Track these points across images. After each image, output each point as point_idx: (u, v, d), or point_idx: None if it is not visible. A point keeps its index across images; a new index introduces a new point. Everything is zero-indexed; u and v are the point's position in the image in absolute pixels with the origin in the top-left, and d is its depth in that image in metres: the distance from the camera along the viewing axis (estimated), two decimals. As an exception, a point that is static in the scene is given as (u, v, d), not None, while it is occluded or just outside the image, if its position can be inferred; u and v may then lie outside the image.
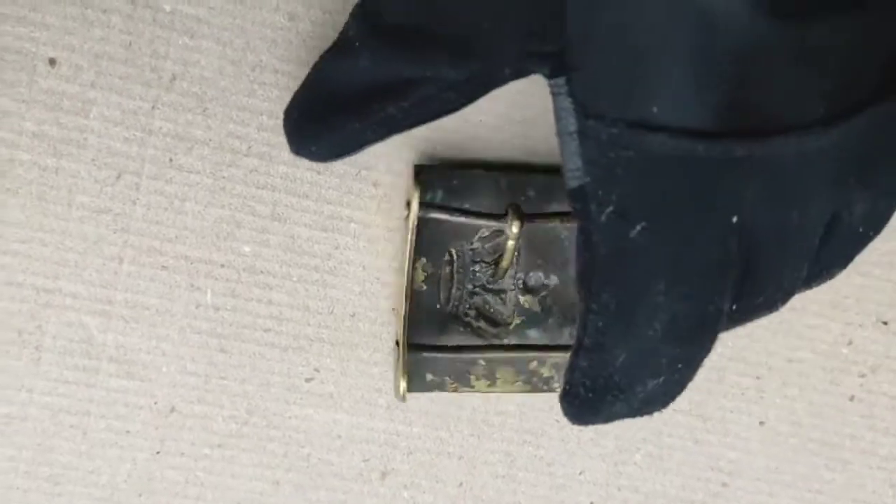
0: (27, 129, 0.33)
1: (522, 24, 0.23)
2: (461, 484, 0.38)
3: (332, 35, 0.34)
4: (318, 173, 0.35)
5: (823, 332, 0.40)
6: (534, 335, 0.36)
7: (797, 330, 0.40)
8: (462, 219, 0.34)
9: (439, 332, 0.35)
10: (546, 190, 0.35)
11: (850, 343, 0.40)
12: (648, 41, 0.21)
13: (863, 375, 0.40)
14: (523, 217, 0.33)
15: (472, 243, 0.35)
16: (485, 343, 0.36)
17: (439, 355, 0.35)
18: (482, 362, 0.35)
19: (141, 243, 0.34)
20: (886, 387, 0.41)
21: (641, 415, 0.27)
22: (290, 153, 0.34)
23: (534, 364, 0.36)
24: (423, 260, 0.35)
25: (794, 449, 0.40)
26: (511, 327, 0.36)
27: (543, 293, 0.36)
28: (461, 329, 0.36)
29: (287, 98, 0.34)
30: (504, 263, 0.35)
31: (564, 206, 0.35)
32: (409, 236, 0.34)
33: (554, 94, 0.24)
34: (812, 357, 0.40)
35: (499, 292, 0.36)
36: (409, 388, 0.35)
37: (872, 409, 0.41)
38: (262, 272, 0.35)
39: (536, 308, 0.36)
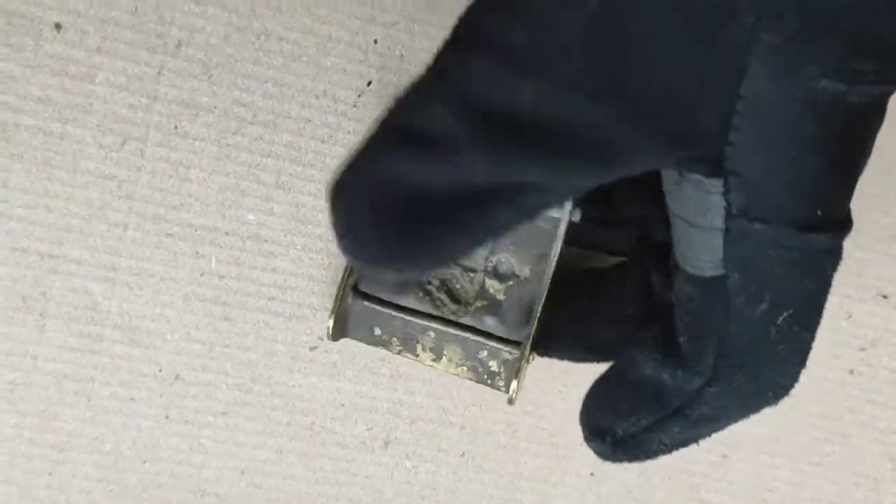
0: (32, 94, 0.33)
1: (683, 124, 0.22)
2: (463, 453, 0.38)
3: (335, 2, 0.34)
4: (323, 142, 0.35)
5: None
6: (490, 323, 0.34)
7: (798, 303, 0.40)
8: None
9: (396, 291, 0.34)
10: None
11: (849, 317, 0.40)
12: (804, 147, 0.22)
13: (862, 349, 0.41)
14: None
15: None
16: (439, 315, 0.34)
17: (390, 312, 0.34)
18: (432, 334, 0.34)
19: (146, 210, 0.34)
20: (886, 360, 0.41)
21: None
22: (294, 121, 0.34)
23: (483, 353, 0.34)
24: None
25: (793, 422, 0.41)
26: (471, 308, 0.34)
27: (511, 282, 0.34)
28: (420, 294, 0.34)
29: (292, 66, 0.34)
30: None
31: None
32: None
33: (698, 189, 0.24)
34: (812, 330, 0.40)
35: (468, 269, 0.34)
36: (355, 337, 0.34)
37: (872, 382, 0.41)
38: (266, 240, 0.35)
39: (501, 296, 0.34)
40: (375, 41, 0.35)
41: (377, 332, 0.34)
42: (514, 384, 0.32)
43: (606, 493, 0.39)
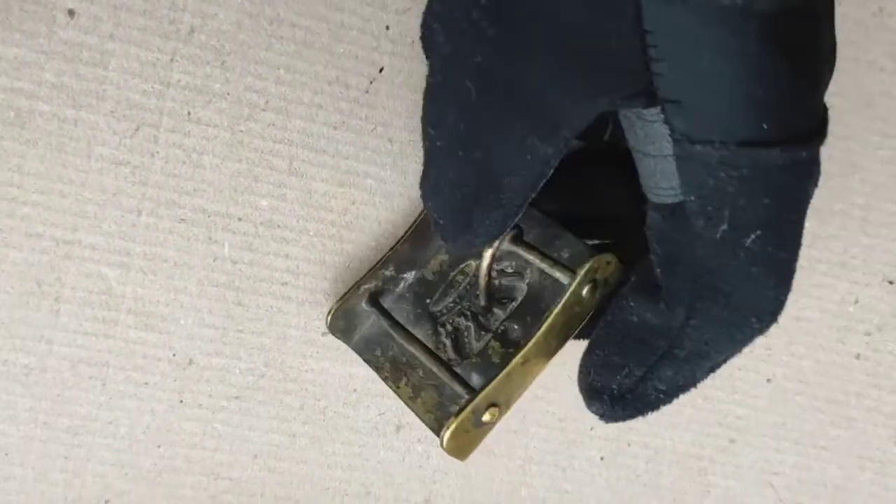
0: (46, 81, 0.33)
1: (604, 69, 0.23)
2: (474, 438, 0.38)
3: (350, -12, 0.34)
4: (335, 128, 0.35)
5: (830, 292, 0.40)
6: (476, 380, 0.33)
7: (804, 289, 0.40)
8: (510, 247, 0.33)
9: (411, 319, 0.35)
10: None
11: (856, 302, 0.41)
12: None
13: (869, 334, 0.41)
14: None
15: (495, 270, 0.34)
16: (436, 355, 0.33)
17: (395, 334, 0.34)
18: (420, 372, 0.34)
19: (159, 196, 0.34)
20: (892, 345, 0.41)
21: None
22: (307, 107, 0.35)
23: (454, 408, 0.32)
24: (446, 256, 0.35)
25: (800, 406, 0.41)
26: (466, 361, 0.34)
27: (511, 350, 0.33)
28: (429, 330, 0.35)
29: (304, 53, 0.34)
30: (481, 283, 0.33)
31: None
32: None
33: (641, 120, 0.24)
34: (819, 316, 0.40)
35: (482, 328, 0.34)
36: (354, 347, 0.35)
37: (878, 367, 0.41)
38: (279, 226, 0.35)
39: (496, 359, 0.34)
40: (387, 28, 0.35)
41: (377, 352, 0.35)
42: (445, 432, 0.30)
43: (615, 478, 0.40)
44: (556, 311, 0.30)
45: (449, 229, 0.28)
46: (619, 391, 0.29)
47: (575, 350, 0.36)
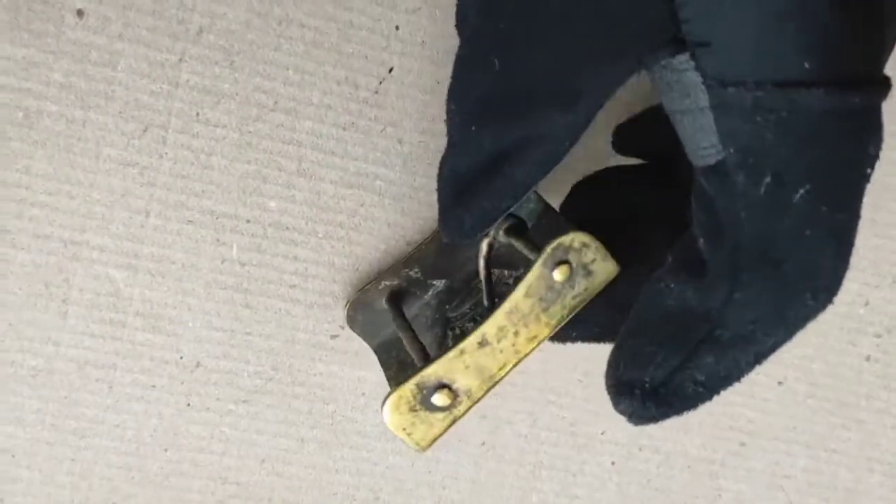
0: (55, 81, 0.32)
1: (624, 35, 0.22)
2: (483, 443, 0.38)
3: (360, -12, 0.34)
4: (344, 129, 0.35)
5: (841, 293, 0.40)
6: None
7: (815, 291, 0.40)
8: (508, 239, 0.31)
9: (427, 324, 0.34)
10: None
11: (866, 304, 0.40)
12: None
13: (879, 336, 0.41)
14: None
15: (496, 270, 0.33)
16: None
17: (402, 337, 0.33)
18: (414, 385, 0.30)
19: (167, 197, 0.34)
20: (902, 347, 0.41)
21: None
22: (316, 108, 0.34)
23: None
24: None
25: (810, 409, 0.41)
26: None
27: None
28: (438, 335, 0.34)
29: (313, 53, 0.34)
30: (482, 279, 0.31)
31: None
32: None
33: (673, 73, 0.22)
34: (829, 317, 0.40)
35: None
36: (370, 342, 0.33)
37: (888, 369, 0.41)
38: (287, 228, 0.35)
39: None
40: (397, 27, 0.34)
41: (392, 352, 0.34)
42: (385, 402, 0.28)
43: (627, 483, 0.39)
44: (516, 291, 0.28)
45: (449, 208, 0.27)
46: (652, 384, 0.25)
47: (586, 354, 0.36)
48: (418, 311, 0.35)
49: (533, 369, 0.38)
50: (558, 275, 0.27)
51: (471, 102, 0.25)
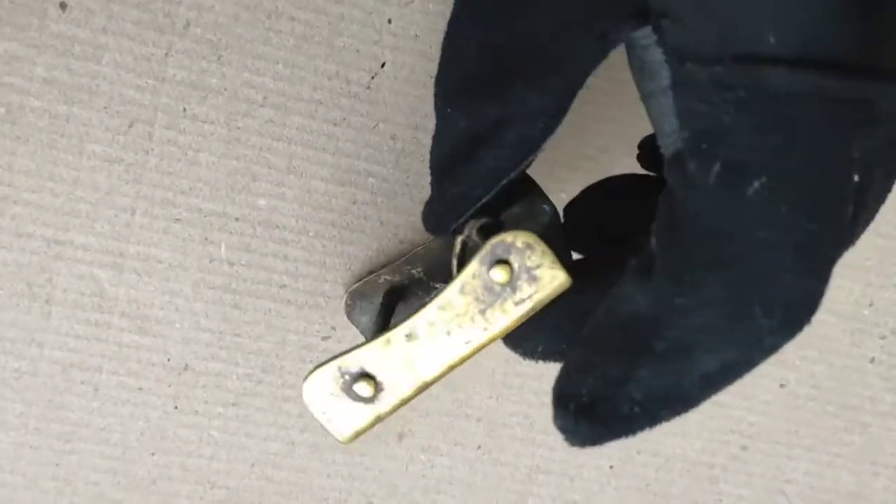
0: (37, 75, 0.32)
1: (591, 10, 0.21)
2: (479, 447, 0.37)
3: (351, -20, 0.33)
4: (335, 125, 0.34)
5: (845, 294, 0.39)
6: None
7: (818, 291, 0.39)
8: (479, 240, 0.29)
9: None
10: None
11: (871, 305, 0.40)
12: None
13: (883, 337, 0.40)
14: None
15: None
16: None
17: (374, 333, 0.31)
18: None
19: (154, 194, 0.33)
20: (907, 349, 0.40)
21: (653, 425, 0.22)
22: (306, 103, 0.33)
23: None
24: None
25: (813, 412, 0.40)
26: None
27: None
28: None
29: (303, 47, 0.33)
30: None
31: None
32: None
33: (641, 50, 0.21)
34: (833, 319, 0.39)
35: None
36: (359, 327, 0.33)
37: (892, 371, 0.40)
38: (277, 226, 0.34)
39: None
40: (389, 21, 0.34)
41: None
42: (304, 379, 0.27)
43: (625, 487, 0.38)
44: (451, 286, 0.25)
45: (432, 195, 0.25)
46: (588, 400, 0.22)
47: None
48: (413, 312, 0.34)
49: (529, 372, 0.37)
50: (497, 274, 0.25)
51: (450, 83, 0.24)
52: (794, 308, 0.19)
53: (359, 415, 0.27)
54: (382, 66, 0.34)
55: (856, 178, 0.19)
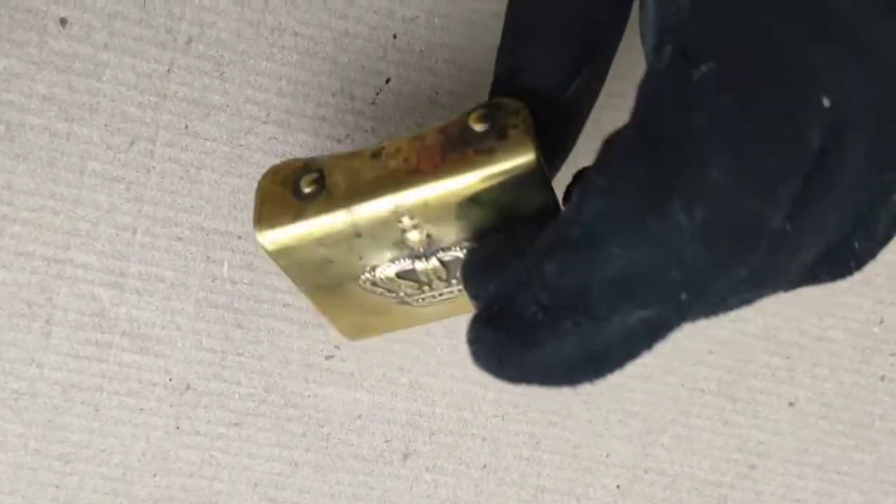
0: (38, 92, 0.31)
1: None
2: (485, 466, 0.37)
3: (356, -4, 0.33)
4: (339, 142, 0.34)
5: (855, 311, 0.39)
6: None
7: (828, 308, 0.39)
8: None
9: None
10: None
11: (881, 322, 0.39)
12: None
13: (893, 354, 0.39)
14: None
15: None
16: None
17: None
18: None
19: (155, 213, 0.33)
20: (918, 367, 0.40)
21: (587, 376, 0.19)
22: (310, 120, 0.33)
23: None
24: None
25: (823, 430, 0.39)
26: None
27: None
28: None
29: (307, 63, 0.33)
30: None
31: None
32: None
33: None
34: (843, 336, 0.39)
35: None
36: None
37: (904, 389, 0.40)
38: (280, 244, 0.34)
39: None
40: (394, 36, 0.33)
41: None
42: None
43: (631, 506, 0.38)
44: (438, 124, 0.24)
45: None
46: (497, 298, 0.19)
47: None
48: None
49: (535, 391, 0.36)
50: (474, 122, 0.24)
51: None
52: (721, 222, 0.17)
53: (288, 210, 0.25)
54: (387, 81, 0.34)
55: (825, 100, 0.17)
